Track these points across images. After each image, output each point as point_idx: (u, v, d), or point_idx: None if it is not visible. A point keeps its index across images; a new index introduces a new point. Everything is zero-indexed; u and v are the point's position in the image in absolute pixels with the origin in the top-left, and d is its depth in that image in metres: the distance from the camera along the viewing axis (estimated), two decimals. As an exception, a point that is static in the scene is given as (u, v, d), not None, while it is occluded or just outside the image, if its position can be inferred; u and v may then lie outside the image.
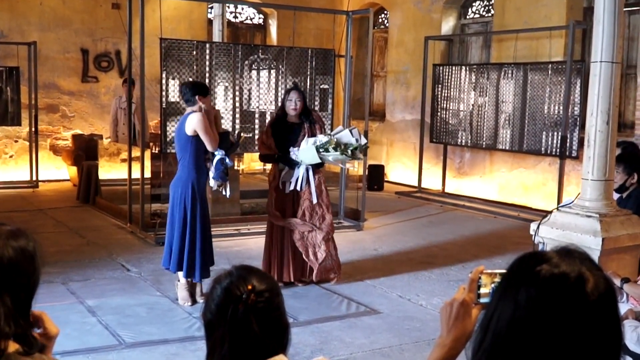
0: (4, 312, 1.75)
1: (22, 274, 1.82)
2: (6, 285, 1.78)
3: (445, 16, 12.90)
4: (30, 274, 1.85)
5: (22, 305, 1.81)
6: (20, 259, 1.82)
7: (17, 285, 1.81)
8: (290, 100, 6.54)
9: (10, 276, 1.79)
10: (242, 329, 1.85)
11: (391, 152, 13.94)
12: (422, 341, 5.40)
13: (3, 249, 1.81)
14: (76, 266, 7.05)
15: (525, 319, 1.25)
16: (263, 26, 15.09)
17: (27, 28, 12.39)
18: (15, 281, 1.80)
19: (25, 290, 1.83)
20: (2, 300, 1.76)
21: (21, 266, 1.82)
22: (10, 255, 1.81)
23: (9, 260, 1.80)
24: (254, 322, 1.86)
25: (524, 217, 10.02)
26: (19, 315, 1.79)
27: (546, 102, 10.49)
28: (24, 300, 1.82)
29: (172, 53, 8.62)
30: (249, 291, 1.87)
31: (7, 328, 1.74)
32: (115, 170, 11.27)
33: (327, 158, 6.36)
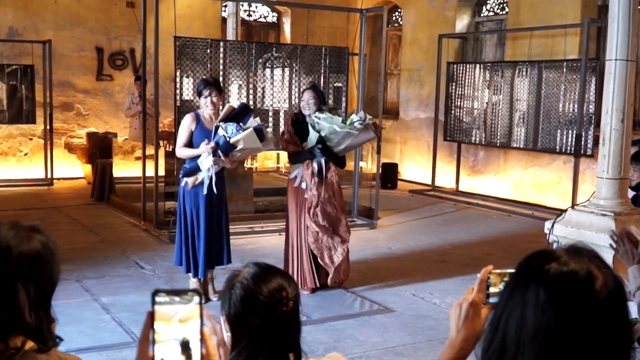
0: (28, 302, 1.77)
1: (45, 267, 1.84)
2: (31, 275, 1.80)
3: (459, 14, 12.86)
4: (53, 268, 1.87)
5: (43, 298, 1.83)
6: (44, 251, 1.85)
7: (42, 277, 1.83)
8: (303, 101, 6.47)
9: (36, 267, 1.81)
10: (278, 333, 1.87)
11: (405, 150, 13.91)
12: (435, 340, 5.39)
13: (30, 240, 1.83)
14: (90, 263, 7.09)
15: (534, 318, 1.25)
16: (277, 24, 15.10)
17: (42, 26, 12.45)
18: (39, 272, 1.82)
19: (47, 284, 1.85)
20: (27, 290, 1.78)
21: (45, 258, 1.84)
22: (36, 246, 1.83)
23: (36, 251, 1.82)
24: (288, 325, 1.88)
25: (538, 215, 9.98)
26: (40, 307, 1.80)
27: (561, 100, 10.43)
28: (46, 294, 1.84)
29: (186, 51, 8.65)
30: (285, 297, 1.89)
31: (29, 318, 1.76)
32: (130, 168, 11.33)
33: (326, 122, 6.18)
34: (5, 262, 1.79)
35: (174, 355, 1.27)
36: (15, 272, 1.78)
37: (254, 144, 5.85)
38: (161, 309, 1.27)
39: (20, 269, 1.79)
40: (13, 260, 1.79)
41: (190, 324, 1.27)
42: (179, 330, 1.26)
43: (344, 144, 6.35)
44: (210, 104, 5.93)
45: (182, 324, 1.26)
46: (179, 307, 1.27)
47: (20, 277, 1.78)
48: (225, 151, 5.79)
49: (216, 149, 5.77)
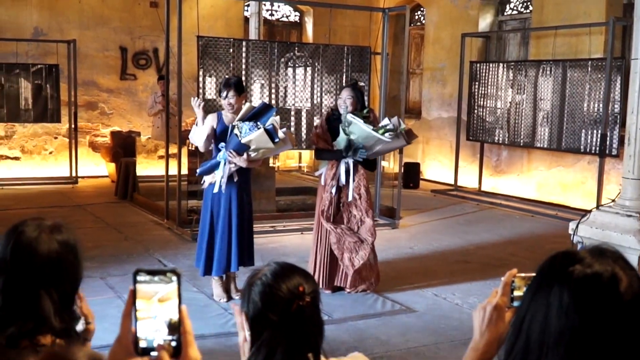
0: (53, 308, 1.78)
1: (67, 268, 1.85)
2: (52, 279, 1.81)
3: (482, 12, 12.79)
4: (75, 267, 1.88)
5: (66, 299, 1.84)
6: (65, 253, 1.85)
7: (63, 280, 1.83)
8: (340, 99, 6.32)
9: (56, 270, 1.82)
10: (294, 330, 1.87)
11: (427, 150, 13.87)
12: (457, 340, 5.37)
13: (49, 243, 1.83)
14: (114, 261, 7.15)
15: (557, 320, 1.24)
16: (299, 24, 15.11)
17: (66, 26, 12.57)
18: (60, 275, 1.82)
19: (70, 284, 1.85)
20: (50, 295, 1.78)
21: (66, 260, 1.85)
22: (55, 249, 1.83)
23: (56, 254, 1.83)
24: (305, 322, 1.88)
25: (563, 216, 9.90)
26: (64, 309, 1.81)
27: (585, 100, 10.34)
28: (68, 295, 1.84)
29: (209, 51, 8.68)
30: (301, 293, 1.89)
31: (55, 323, 1.77)
32: (153, 167, 11.40)
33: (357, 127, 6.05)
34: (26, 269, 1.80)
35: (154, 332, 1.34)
36: (36, 278, 1.79)
37: (266, 144, 5.81)
38: (142, 288, 1.33)
39: (41, 274, 1.80)
40: (34, 266, 1.80)
41: (169, 303, 1.34)
42: (157, 309, 1.32)
43: (374, 149, 6.29)
44: (228, 105, 5.94)
45: (161, 303, 1.33)
46: (159, 287, 1.33)
47: (42, 283, 1.79)
48: (237, 150, 5.79)
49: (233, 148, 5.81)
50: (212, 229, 6.03)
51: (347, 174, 6.29)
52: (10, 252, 1.82)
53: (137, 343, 1.35)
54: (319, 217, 6.43)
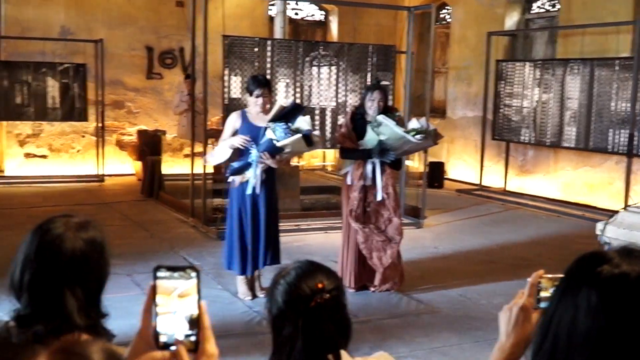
0: (77, 305, 1.80)
1: (93, 266, 1.86)
2: (77, 277, 1.83)
3: (509, 11, 12.71)
4: (101, 265, 1.89)
5: (92, 296, 1.85)
6: (91, 251, 1.86)
7: (88, 277, 1.85)
8: (372, 100, 6.19)
9: (81, 268, 1.83)
10: (314, 326, 1.87)
11: (452, 150, 13.81)
12: (482, 340, 5.34)
13: (74, 241, 1.85)
14: (140, 258, 7.19)
15: (585, 322, 1.23)
16: (324, 23, 15.12)
17: (93, 25, 12.68)
18: (86, 273, 1.84)
19: (96, 282, 1.87)
20: (73, 293, 1.80)
21: (92, 258, 1.86)
22: (81, 247, 1.85)
23: (80, 252, 1.84)
24: (324, 319, 1.88)
25: (590, 216, 9.81)
26: (89, 307, 1.83)
27: (613, 99, 10.24)
28: (94, 292, 1.86)
29: (234, 50, 8.72)
30: (320, 290, 1.89)
31: (79, 321, 1.79)
32: (178, 165, 11.47)
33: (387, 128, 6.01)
34: (52, 266, 1.82)
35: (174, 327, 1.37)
36: (61, 276, 1.81)
37: (301, 147, 5.89)
38: (162, 283, 1.36)
39: (66, 272, 1.81)
40: (59, 264, 1.82)
41: (189, 299, 1.36)
42: (177, 305, 1.35)
43: (401, 149, 6.27)
44: (260, 105, 5.93)
45: (181, 299, 1.36)
46: (179, 283, 1.36)
47: (67, 280, 1.81)
48: (271, 153, 5.79)
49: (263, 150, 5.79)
50: (241, 228, 6.05)
51: (373, 173, 6.28)
52: (35, 250, 1.84)
53: (157, 337, 1.38)
54: (347, 217, 6.43)
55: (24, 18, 12.22)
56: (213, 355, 1.39)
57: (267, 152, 5.77)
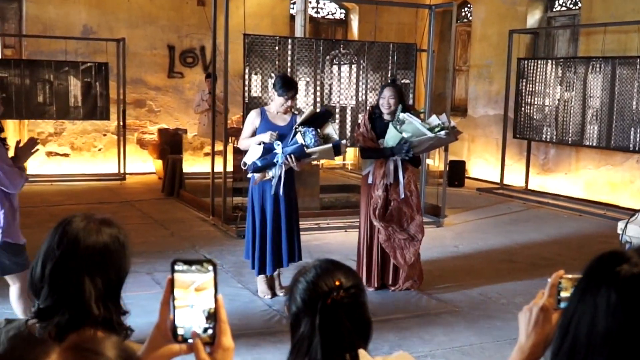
0: (95, 294, 1.82)
1: (115, 259, 1.89)
2: (99, 268, 1.85)
3: (530, 9, 12.63)
4: (122, 260, 1.92)
5: (112, 290, 1.88)
6: (113, 244, 1.90)
7: (109, 270, 1.87)
8: (383, 98, 6.24)
9: (103, 259, 1.86)
10: (329, 324, 1.87)
11: (473, 148, 13.75)
12: (502, 340, 5.32)
13: (98, 233, 1.89)
14: (161, 257, 7.23)
15: (605, 321, 1.22)
16: (344, 21, 15.11)
17: (115, 25, 12.76)
18: (106, 265, 1.87)
19: (116, 275, 1.89)
20: (93, 282, 1.83)
21: (114, 251, 1.89)
22: (104, 239, 1.88)
23: (103, 244, 1.88)
24: (341, 317, 1.87)
25: (611, 215, 9.73)
26: (108, 299, 1.85)
27: (635, 98, 10.15)
28: (114, 286, 1.88)
29: (255, 48, 8.74)
30: (337, 287, 1.89)
31: (96, 310, 1.81)
32: (199, 163, 11.54)
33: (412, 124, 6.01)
34: (73, 255, 1.85)
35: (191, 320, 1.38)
36: (82, 265, 1.84)
37: (328, 156, 6.00)
38: (180, 277, 1.38)
39: (86, 261, 1.84)
40: (80, 253, 1.85)
41: (205, 292, 1.39)
42: (194, 298, 1.37)
43: (422, 146, 6.25)
44: (286, 107, 5.93)
45: (198, 292, 1.37)
46: (196, 276, 1.38)
47: (87, 269, 1.84)
48: (298, 157, 5.80)
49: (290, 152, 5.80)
50: (262, 227, 6.05)
51: (395, 171, 6.27)
52: (58, 240, 1.87)
53: (175, 331, 1.39)
54: (366, 216, 6.43)
55: (45, 17, 12.33)
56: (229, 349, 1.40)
57: (293, 155, 5.77)
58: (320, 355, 1.85)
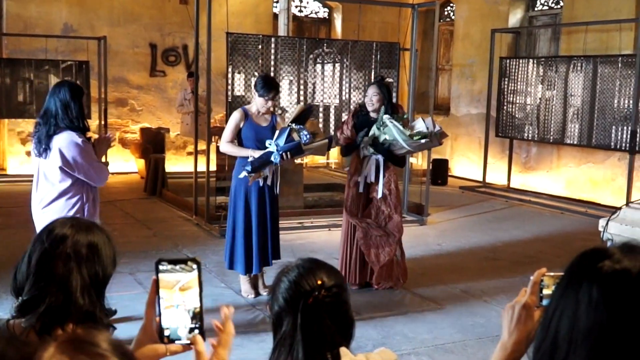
0: (81, 283, 1.82)
1: (102, 256, 1.91)
2: (87, 260, 1.86)
3: (512, 8, 12.70)
4: (108, 260, 1.93)
5: (97, 285, 1.88)
6: (102, 244, 1.91)
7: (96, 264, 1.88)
8: (367, 96, 6.26)
9: (91, 253, 1.88)
10: (311, 323, 1.87)
11: (455, 147, 13.80)
12: (485, 337, 5.34)
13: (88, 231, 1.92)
14: (143, 257, 7.20)
15: (587, 317, 1.23)
16: (328, 20, 15.11)
17: (96, 23, 12.68)
18: (95, 259, 1.88)
19: (102, 272, 1.90)
20: (80, 272, 1.83)
21: (102, 249, 1.91)
22: (94, 237, 1.91)
23: (93, 240, 1.89)
24: (323, 316, 1.87)
25: (592, 213, 9.80)
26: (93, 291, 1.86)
27: (616, 96, 10.23)
28: (100, 282, 1.89)
29: (238, 47, 8.72)
30: (319, 286, 1.89)
31: (81, 300, 1.81)
32: (182, 163, 11.49)
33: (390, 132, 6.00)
34: (62, 245, 1.86)
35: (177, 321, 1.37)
36: (70, 255, 1.85)
37: (322, 151, 6.07)
38: (164, 277, 1.37)
39: (75, 252, 1.85)
40: (69, 244, 1.86)
41: (190, 292, 1.40)
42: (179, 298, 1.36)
43: (406, 148, 6.23)
44: (267, 107, 5.92)
45: (183, 292, 1.36)
46: (181, 276, 1.37)
47: (75, 260, 1.85)
48: (294, 154, 5.84)
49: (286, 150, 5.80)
50: (248, 226, 6.02)
51: (377, 170, 6.27)
52: (47, 233, 1.90)
53: (161, 332, 1.38)
54: (352, 212, 6.43)
55: (26, 15, 12.23)
56: None
57: (289, 153, 5.78)
58: (302, 354, 1.85)
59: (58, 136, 4.74)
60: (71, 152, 4.73)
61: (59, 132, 4.73)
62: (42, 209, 4.87)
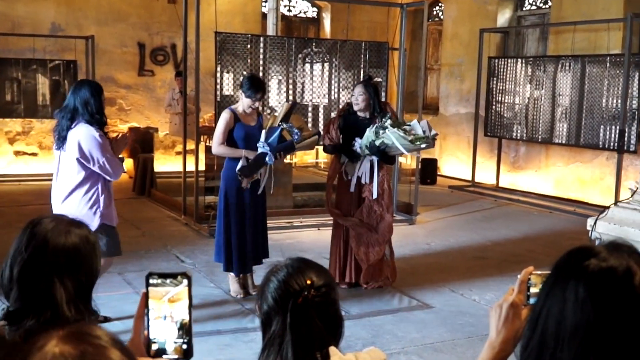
0: (66, 296, 1.80)
1: (84, 260, 1.87)
2: (68, 269, 1.83)
3: (501, 8, 12.73)
4: (92, 261, 1.90)
5: (83, 291, 1.85)
6: (82, 244, 1.87)
7: (79, 270, 1.85)
8: (353, 96, 6.25)
9: (73, 261, 1.84)
10: (300, 323, 1.87)
11: (444, 146, 13.82)
12: (474, 336, 5.36)
13: (67, 234, 1.86)
14: (132, 257, 7.16)
15: (573, 315, 1.24)
16: (317, 19, 15.11)
17: (84, 22, 12.63)
18: (76, 266, 1.85)
19: (87, 277, 1.87)
20: (63, 284, 1.81)
21: (83, 252, 1.87)
22: (73, 240, 1.86)
23: (72, 245, 1.85)
24: (312, 316, 1.87)
25: (581, 212, 9.84)
26: (79, 301, 1.83)
27: (604, 96, 10.27)
28: (85, 287, 1.86)
29: (227, 47, 8.70)
30: (308, 286, 1.89)
31: (68, 312, 1.79)
32: (170, 162, 11.44)
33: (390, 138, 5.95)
34: (41, 257, 1.82)
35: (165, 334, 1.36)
36: (51, 267, 1.82)
37: (311, 147, 6.20)
38: (154, 290, 1.35)
39: (55, 263, 1.82)
40: (49, 254, 1.82)
41: (179, 304, 1.38)
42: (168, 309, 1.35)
43: (399, 150, 6.18)
44: (254, 107, 5.92)
45: (172, 303, 1.35)
46: (170, 289, 1.35)
47: (56, 271, 1.82)
48: (285, 152, 5.92)
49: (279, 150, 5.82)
50: (241, 226, 5.99)
51: (371, 170, 6.26)
52: (26, 241, 1.85)
53: (149, 345, 1.37)
54: (335, 213, 6.44)
55: (14, 14, 12.17)
56: None
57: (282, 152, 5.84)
58: (291, 353, 1.85)
59: (76, 129, 4.97)
60: (88, 144, 4.93)
61: (77, 125, 4.98)
62: (62, 202, 5.07)
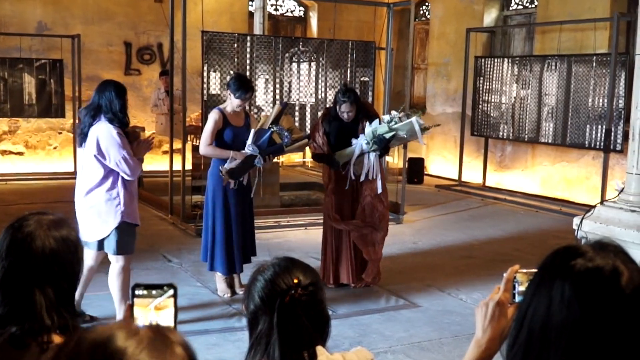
0: (46, 304, 1.78)
1: (65, 264, 1.84)
2: (48, 276, 1.80)
3: (487, 7, 12.77)
4: (73, 264, 1.87)
5: (65, 296, 1.83)
6: (62, 249, 1.84)
7: (60, 276, 1.82)
8: (342, 113, 6.12)
9: (52, 267, 1.81)
10: (287, 322, 1.86)
11: (431, 145, 13.85)
12: (461, 335, 5.37)
13: (44, 239, 1.83)
14: (118, 256, 7.13)
15: (559, 314, 1.24)
16: (304, 19, 15.10)
17: (71, 21, 12.56)
18: (57, 272, 1.82)
19: (68, 280, 1.85)
20: (44, 292, 1.78)
21: (63, 256, 1.84)
22: (51, 245, 1.82)
23: (51, 251, 1.82)
24: (299, 315, 1.87)
25: (567, 211, 9.89)
26: (61, 306, 1.81)
27: (590, 95, 10.32)
28: (67, 291, 1.84)
29: (214, 46, 8.68)
30: (295, 285, 1.89)
31: (48, 321, 1.77)
32: (157, 162, 11.41)
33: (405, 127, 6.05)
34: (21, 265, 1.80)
35: None
36: (31, 275, 1.79)
37: (301, 148, 6.29)
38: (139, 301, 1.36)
39: (35, 271, 1.79)
40: (28, 262, 1.80)
41: (165, 311, 1.38)
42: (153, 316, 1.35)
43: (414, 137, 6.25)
44: (242, 108, 5.92)
45: (158, 311, 1.35)
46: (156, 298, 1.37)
47: (36, 280, 1.79)
48: (274, 155, 6.00)
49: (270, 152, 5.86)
50: (228, 226, 5.98)
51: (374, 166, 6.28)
52: (6, 248, 1.82)
53: None
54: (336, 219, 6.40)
55: (0, 14, 12.08)
56: None
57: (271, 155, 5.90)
58: (278, 352, 1.84)
59: (96, 126, 5.09)
60: (105, 141, 5.03)
61: (98, 122, 5.09)
62: (84, 197, 5.20)
